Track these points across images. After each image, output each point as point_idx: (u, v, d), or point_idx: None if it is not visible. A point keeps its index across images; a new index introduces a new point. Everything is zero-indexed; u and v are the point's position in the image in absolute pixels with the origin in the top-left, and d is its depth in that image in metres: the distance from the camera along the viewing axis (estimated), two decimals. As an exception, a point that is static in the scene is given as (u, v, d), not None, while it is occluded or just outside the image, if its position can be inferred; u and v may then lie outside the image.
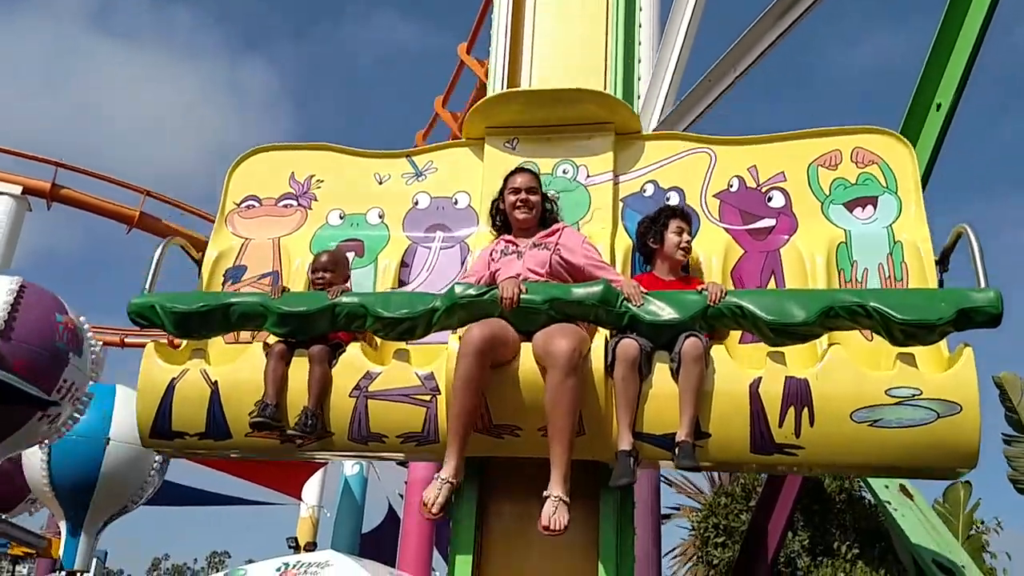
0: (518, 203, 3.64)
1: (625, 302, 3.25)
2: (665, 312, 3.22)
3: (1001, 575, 9.89)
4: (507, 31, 4.60)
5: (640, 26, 4.77)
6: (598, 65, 4.42)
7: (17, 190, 18.26)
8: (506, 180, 3.73)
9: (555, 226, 3.63)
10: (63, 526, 11.14)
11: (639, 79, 4.66)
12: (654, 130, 10.36)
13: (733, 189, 3.92)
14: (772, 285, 3.69)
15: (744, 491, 10.93)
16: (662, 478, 10.26)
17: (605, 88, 4.32)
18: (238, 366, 3.54)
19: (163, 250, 3.85)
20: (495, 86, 4.53)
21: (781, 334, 3.14)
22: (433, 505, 3.03)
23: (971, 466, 3.13)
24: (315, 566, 9.22)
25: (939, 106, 6.24)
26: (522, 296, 3.24)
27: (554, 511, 2.95)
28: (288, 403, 3.45)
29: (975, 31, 6.06)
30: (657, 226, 3.63)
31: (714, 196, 3.93)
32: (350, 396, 3.41)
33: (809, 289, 3.47)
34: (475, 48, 16.58)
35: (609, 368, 3.22)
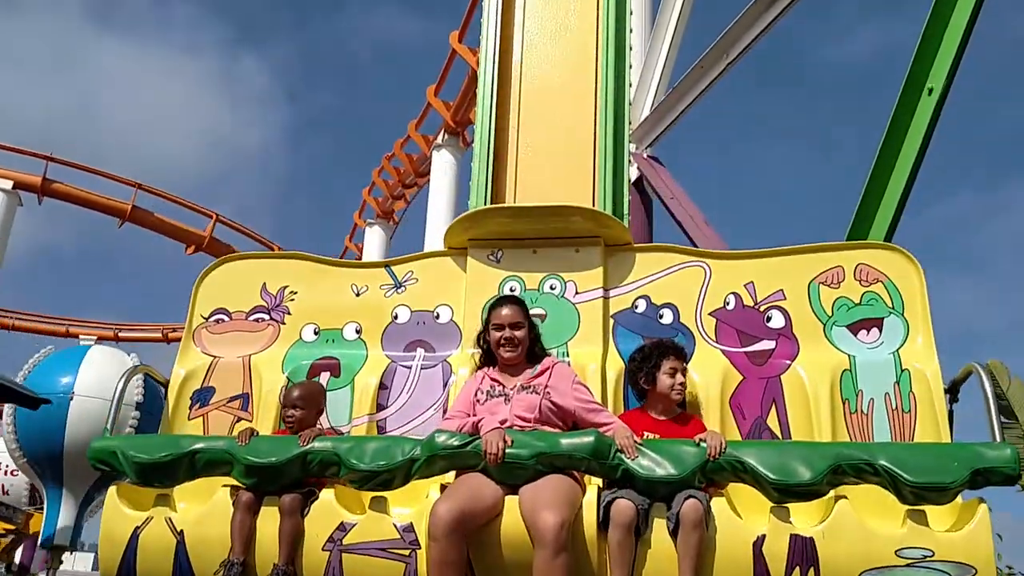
0: (502, 341, 3.41)
1: (619, 454, 3.04)
2: (661, 468, 3.00)
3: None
4: (497, 20, 4.44)
5: (631, 13, 4.58)
6: (589, 54, 4.28)
7: (8, 184, 18.03)
8: (490, 312, 3.50)
9: (545, 363, 3.40)
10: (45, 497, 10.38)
11: (631, 67, 4.49)
12: (646, 119, 10.34)
13: (730, 307, 3.72)
14: (773, 416, 3.49)
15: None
16: None
17: (596, 83, 4.18)
18: (204, 516, 3.30)
19: (126, 382, 3.63)
20: (486, 77, 4.34)
21: (785, 493, 2.94)
22: None
23: None
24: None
25: (931, 90, 6.10)
26: (508, 450, 3.02)
27: None
28: (257, 558, 3.21)
29: (966, 15, 5.93)
30: (648, 366, 3.41)
31: (710, 314, 3.73)
32: (323, 550, 3.18)
33: (814, 442, 3.25)
34: (467, 36, 16.60)
35: (602, 524, 3.01)
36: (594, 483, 3.18)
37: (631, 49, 4.51)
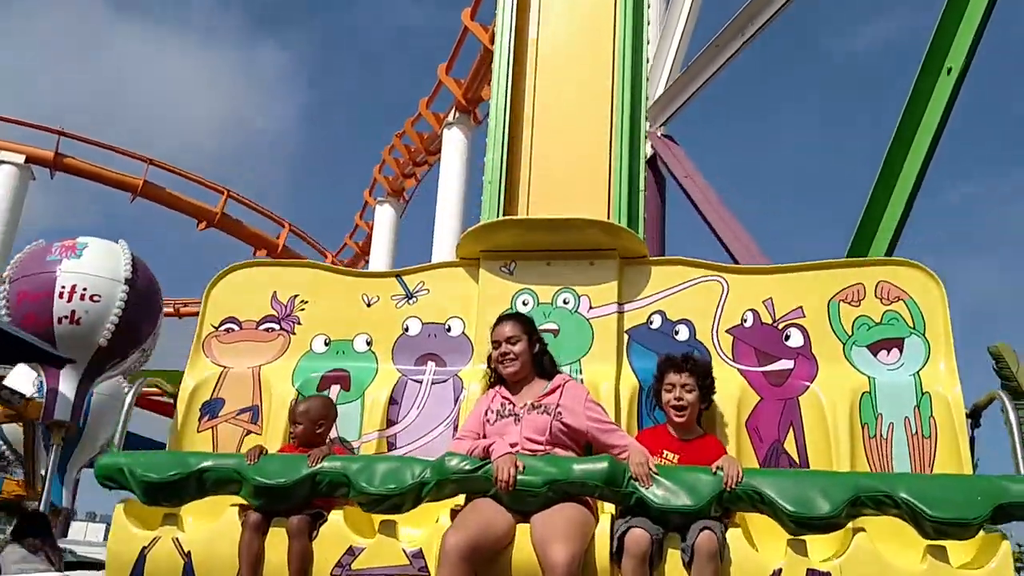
0: (499, 357, 3.36)
1: (632, 482, 2.98)
2: (677, 498, 2.94)
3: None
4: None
5: (649, -11, 4.51)
6: (606, 30, 4.21)
7: (20, 159, 18.11)
8: (491, 331, 3.46)
9: (556, 381, 3.34)
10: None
11: (648, 43, 4.42)
12: (660, 96, 10.23)
13: (747, 324, 3.64)
14: (791, 439, 3.43)
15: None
16: None
17: (614, 58, 4.13)
18: (212, 536, 3.27)
19: (135, 393, 3.60)
20: (501, 57, 4.29)
21: (803, 526, 2.88)
22: None
23: None
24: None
25: (949, 70, 6.03)
26: (519, 477, 2.97)
27: None
28: (266, 580, 3.19)
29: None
30: (657, 384, 3.35)
31: (727, 331, 3.65)
32: (332, 574, 3.15)
33: (833, 473, 3.18)
34: (479, 13, 16.49)
35: (615, 554, 2.96)
36: (607, 509, 3.13)
37: (648, 23, 4.43)
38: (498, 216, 3.88)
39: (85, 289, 9.51)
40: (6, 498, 11.85)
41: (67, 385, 9.60)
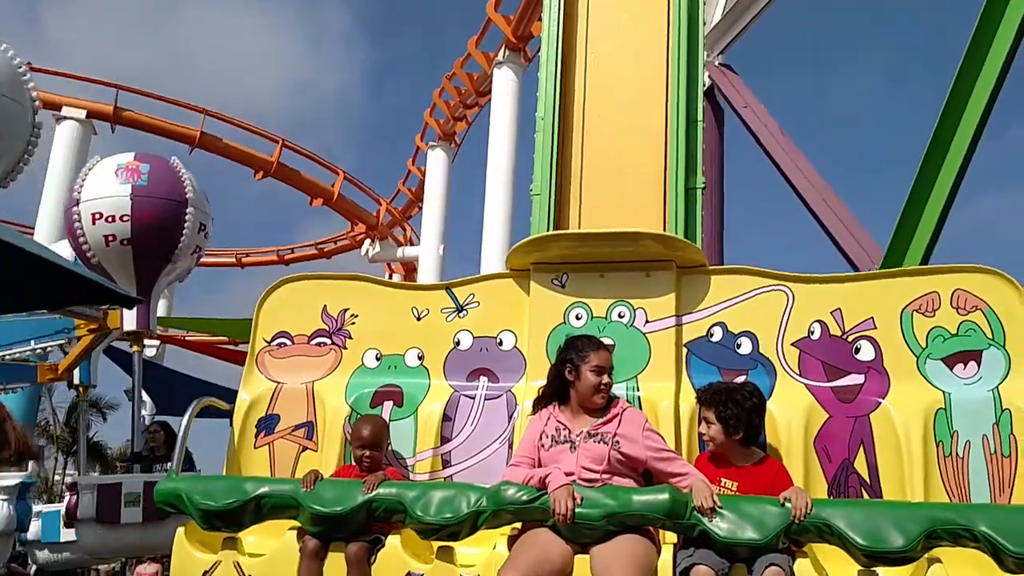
0: (601, 387, 3.20)
1: (695, 513, 2.88)
2: (743, 531, 2.84)
3: None
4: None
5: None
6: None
7: (81, 114, 18.48)
8: (584, 352, 3.24)
9: (613, 410, 3.22)
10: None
11: None
12: (718, 22, 9.91)
13: (814, 337, 3.48)
14: (861, 459, 3.29)
15: None
16: None
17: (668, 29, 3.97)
18: (272, 561, 3.27)
19: (192, 414, 3.60)
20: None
21: (876, 560, 2.75)
22: None
23: None
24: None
25: None
26: (578, 510, 2.89)
27: None
28: (326, 606, 3.19)
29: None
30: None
31: (792, 344, 3.50)
32: (391, 601, 3.13)
33: (907, 504, 3.04)
34: None
35: (678, 586, 2.88)
36: (669, 539, 3.04)
37: None
38: (549, 227, 3.76)
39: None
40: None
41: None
